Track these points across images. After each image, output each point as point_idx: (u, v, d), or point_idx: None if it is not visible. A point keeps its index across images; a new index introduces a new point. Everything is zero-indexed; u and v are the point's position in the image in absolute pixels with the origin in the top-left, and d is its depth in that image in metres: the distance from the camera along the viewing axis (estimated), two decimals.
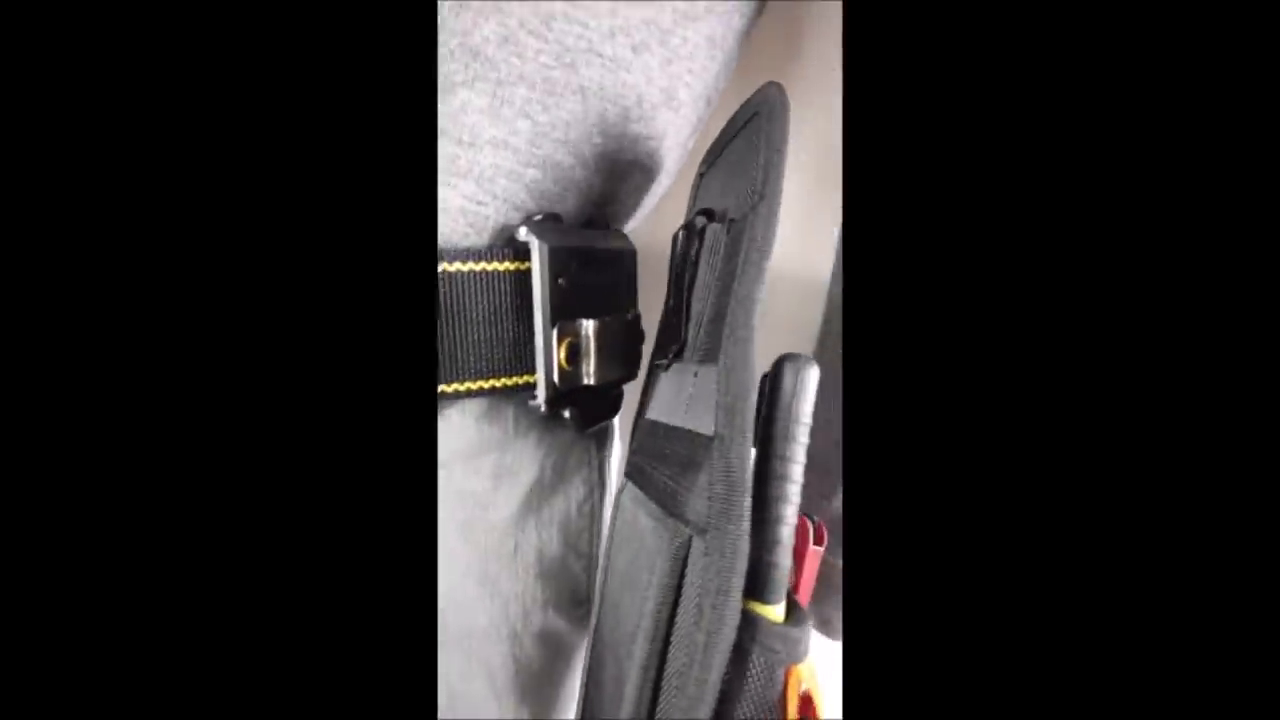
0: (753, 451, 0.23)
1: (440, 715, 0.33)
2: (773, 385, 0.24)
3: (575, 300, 0.33)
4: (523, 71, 0.30)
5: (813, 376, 0.24)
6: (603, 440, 0.38)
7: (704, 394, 0.25)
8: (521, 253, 0.32)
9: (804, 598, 0.26)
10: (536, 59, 0.30)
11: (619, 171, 0.35)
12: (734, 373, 0.23)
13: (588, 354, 0.34)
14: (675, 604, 0.24)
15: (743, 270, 0.25)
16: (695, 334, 0.28)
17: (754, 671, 0.22)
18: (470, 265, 0.31)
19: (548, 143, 0.32)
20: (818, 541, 0.27)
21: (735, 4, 0.35)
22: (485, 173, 0.31)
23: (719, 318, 0.25)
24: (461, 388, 0.31)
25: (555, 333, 0.32)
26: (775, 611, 0.23)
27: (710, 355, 0.26)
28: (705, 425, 0.25)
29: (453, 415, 0.32)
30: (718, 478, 0.23)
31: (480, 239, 0.32)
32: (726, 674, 0.22)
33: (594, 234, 0.35)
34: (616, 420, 0.39)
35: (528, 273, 0.32)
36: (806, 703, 0.22)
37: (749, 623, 0.22)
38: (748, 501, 0.22)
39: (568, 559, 0.36)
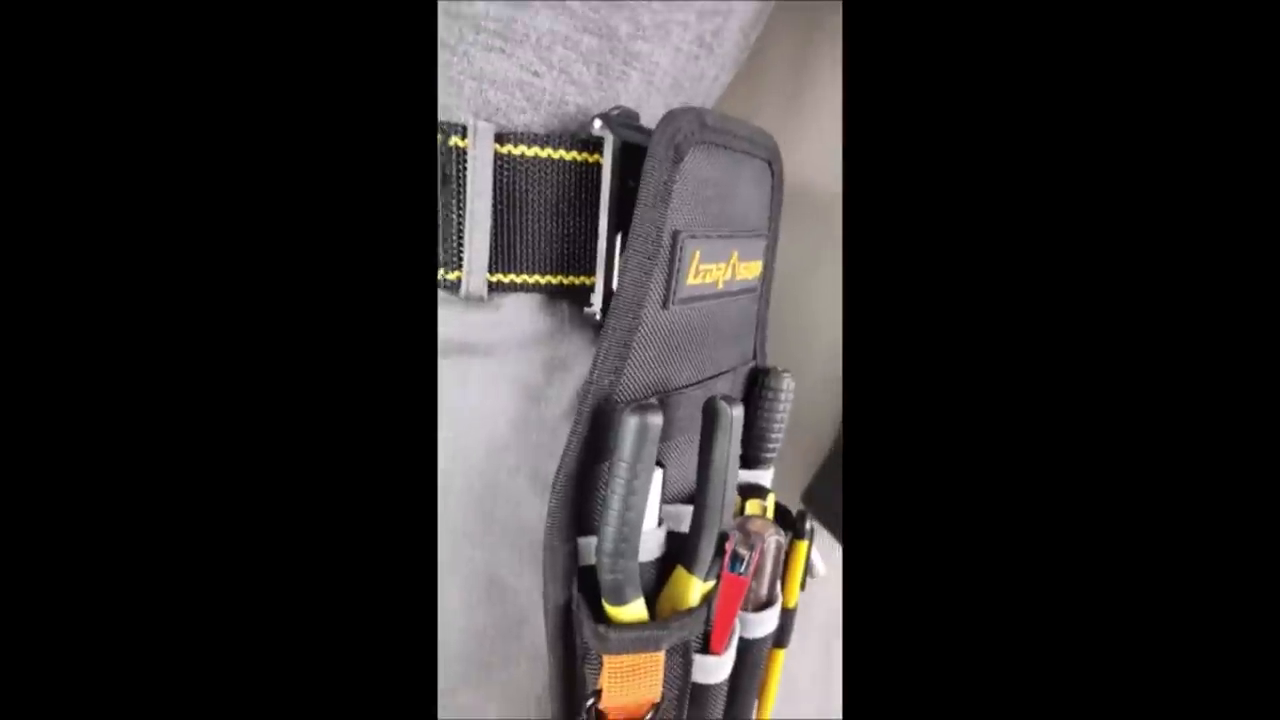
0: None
1: (490, 611, 0.34)
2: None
3: None
4: None
5: (627, 424, 0.28)
6: None
7: None
8: (589, 144, 0.31)
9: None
10: None
11: (682, 47, 0.33)
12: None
13: None
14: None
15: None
16: None
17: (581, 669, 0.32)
18: (534, 150, 0.30)
19: (606, 5, 0.30)
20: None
21: None
22: (542, 39, 0.29)
23: None
24: (518, 279, 0.31)
25: (620, 239, 0.31)
26: (623, 612, 0.30)
27: None
28: None
29: (506, 304, 0.32)
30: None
31: (536, 114, 0.31)
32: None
33: None
34: None
35: (593, 166, 0.31)
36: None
37: (583, 624, 0.31)
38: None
39: None
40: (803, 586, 0.42)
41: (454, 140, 0.29)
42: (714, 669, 0.33)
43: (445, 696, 0.34)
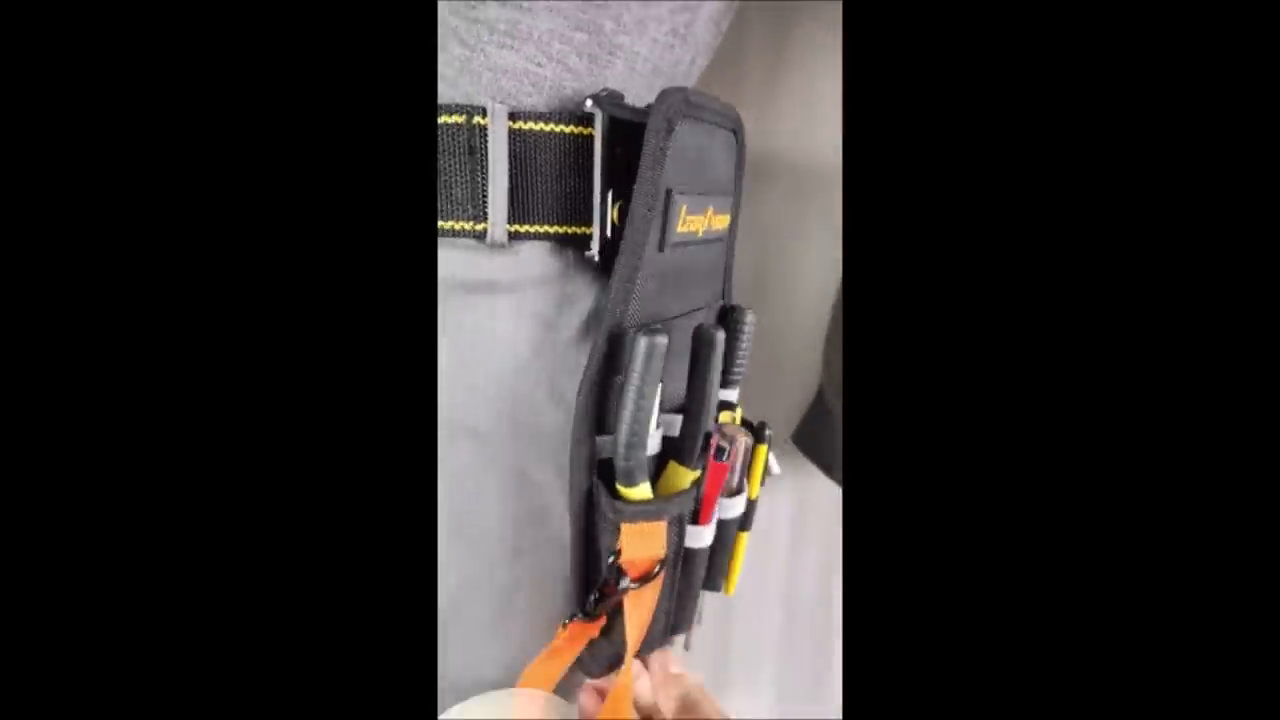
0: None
1: (521, 502, 0.42)
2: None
3: (626, 170, 0.39)
4: None
5: (639, 344, 0.36)
6: None
7: None
8: (583, 119, 0.39)
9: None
10: None
11: (658, 39, 0.40)
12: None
13: None
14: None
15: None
16: None
17: (600, 516, 0.40)
18: (540, 125, 0.38)
19: (592, 7, 0.37)
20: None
21: None
22: (542, 36, 0.37)
23: None
24: (531, 229, 0.39)
25: (610, 195, 0.39)
26: (634, 492, 0.38)
27: None
28: None
29: (523, 250, 0.40)
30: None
31: (540, 97, 0.38)
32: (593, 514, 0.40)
33: (645, 114, 0.41)
34: None
35: (587, 138, 0.39)
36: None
37: (602, 501, 0.39)
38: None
39: None
40: (762, 482, 0.50)
41: (477, 119, 0.37)
42: (701, 536, 0.42)
43: (485, 572, 0.43)
